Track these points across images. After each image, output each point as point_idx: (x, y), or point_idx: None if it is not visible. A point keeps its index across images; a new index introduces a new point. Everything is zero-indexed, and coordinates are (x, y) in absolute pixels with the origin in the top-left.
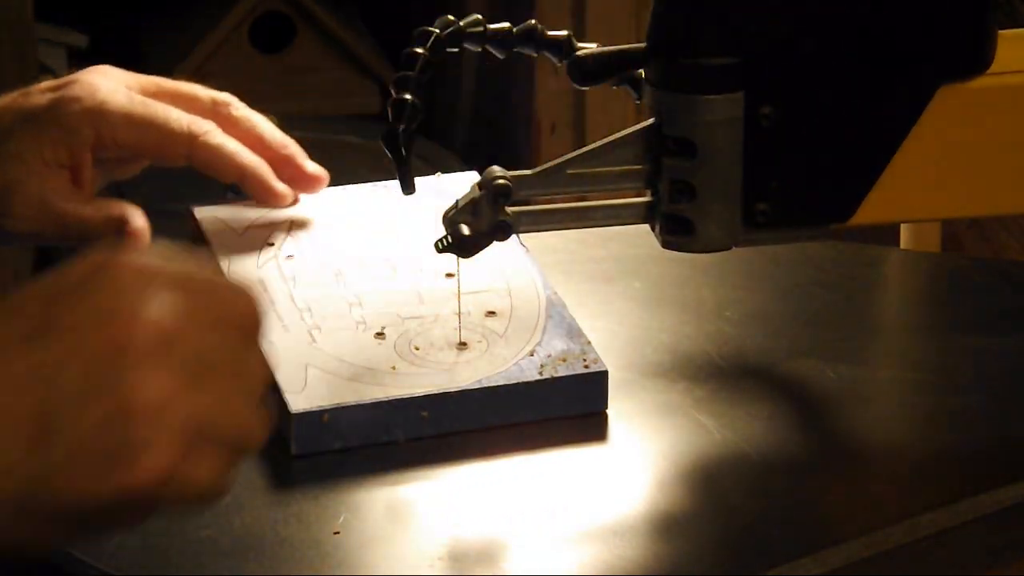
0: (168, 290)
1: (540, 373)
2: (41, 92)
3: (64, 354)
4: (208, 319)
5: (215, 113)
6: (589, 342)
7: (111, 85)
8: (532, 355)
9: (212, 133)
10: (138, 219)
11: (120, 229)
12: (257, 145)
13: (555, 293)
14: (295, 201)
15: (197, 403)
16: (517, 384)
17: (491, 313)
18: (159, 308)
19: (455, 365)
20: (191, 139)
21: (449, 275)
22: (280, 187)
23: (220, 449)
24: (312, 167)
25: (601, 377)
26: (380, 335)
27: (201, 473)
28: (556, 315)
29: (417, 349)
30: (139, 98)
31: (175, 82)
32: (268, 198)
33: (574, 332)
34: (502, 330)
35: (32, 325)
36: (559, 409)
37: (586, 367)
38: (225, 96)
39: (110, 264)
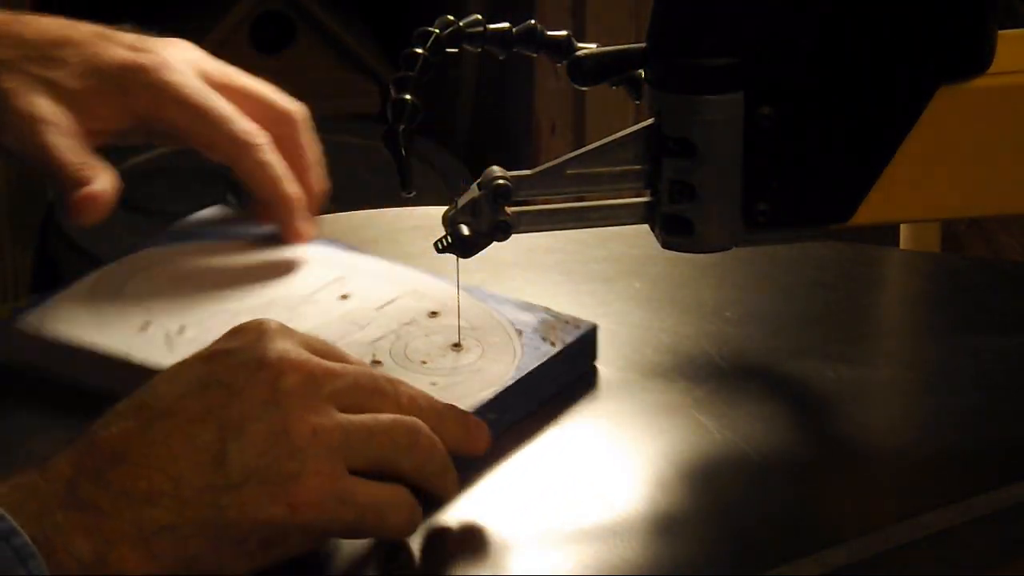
0: (303, 343)
1: (553, 345)
2: (117, 47)
3: (227, 397)
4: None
5: (276, 124)
6: (546, 307)
7: (182, 67)
8: (520, 334)
9: (263, 148)
10: (99, 184)
11: (76, 190)
12: (300, 174)
13: (452, 283)
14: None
15: (347, 426)
16: (548, 362)
17: (434, 314)
18: (299, 354)
19: (479, 363)
20: (242, 147)
21: (344, 297)
22: (302, 227)
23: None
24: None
25: (594, 329)
26: (377, 363)
27: (361, 493)
28: (489, 298)
29: (424, 363)
30: (206, 90)
31: (250, 79)
32: (286, 233)
33: (524, 305)
34: (464, 324)
35: (199, 377)
36: (571, 374)
37: (578, 326)
38: (296, 112)
39: (251, 326)
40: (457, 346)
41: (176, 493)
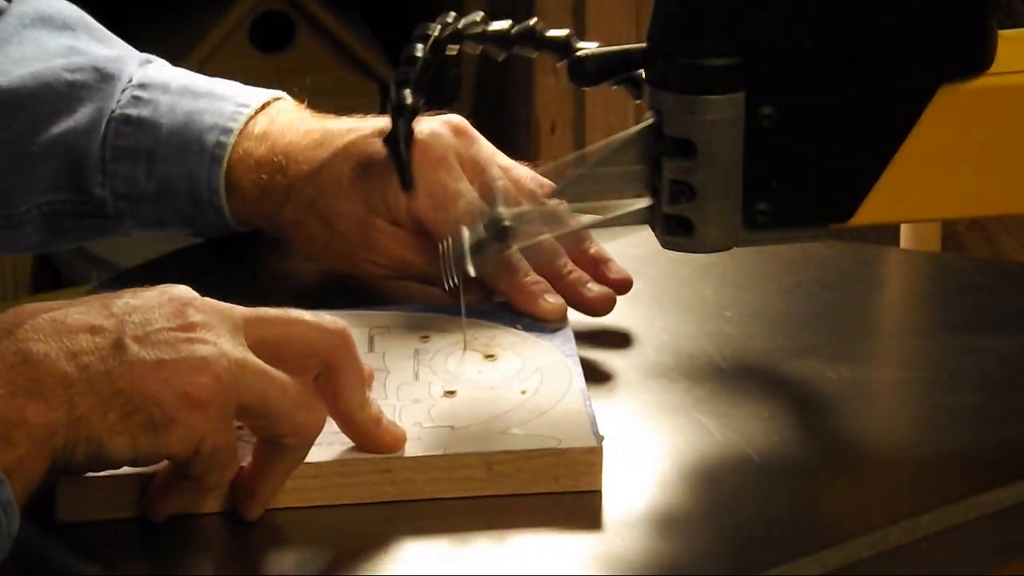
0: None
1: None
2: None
3: (133, 308)
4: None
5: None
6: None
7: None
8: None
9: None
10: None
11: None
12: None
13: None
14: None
15: (245, 356)
16: None
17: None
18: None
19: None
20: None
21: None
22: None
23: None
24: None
25: None
26: (450, 393)
27: (231, 430)
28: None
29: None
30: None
31: (505, 159)
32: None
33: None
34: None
35: (105, 298)
36: None
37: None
38: (549, 185)
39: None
40: (491, 356)
41: (75, 359)
